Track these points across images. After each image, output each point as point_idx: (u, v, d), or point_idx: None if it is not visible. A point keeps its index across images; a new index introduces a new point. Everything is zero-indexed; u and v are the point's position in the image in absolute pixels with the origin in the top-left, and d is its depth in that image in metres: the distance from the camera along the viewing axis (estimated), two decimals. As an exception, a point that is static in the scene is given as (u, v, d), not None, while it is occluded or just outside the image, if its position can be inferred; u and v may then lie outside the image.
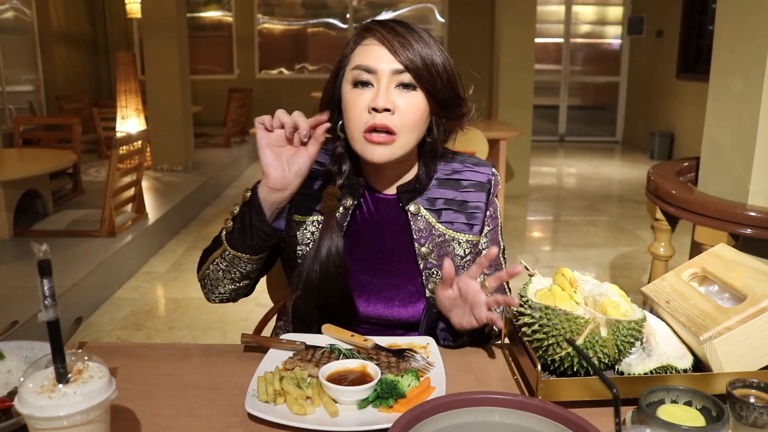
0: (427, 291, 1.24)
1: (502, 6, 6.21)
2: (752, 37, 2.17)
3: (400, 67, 1.11)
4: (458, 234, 1.25)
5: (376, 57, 1.12)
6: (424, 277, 1.23)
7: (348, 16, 10.03)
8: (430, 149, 1.23)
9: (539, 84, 8.24)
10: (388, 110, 1.10)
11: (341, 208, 1.22)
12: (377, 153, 1.13)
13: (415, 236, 1.23)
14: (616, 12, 9.99)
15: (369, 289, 1.25)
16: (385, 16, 9.79)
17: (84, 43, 9.16)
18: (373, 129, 1.11)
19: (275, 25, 10.29)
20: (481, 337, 1.18)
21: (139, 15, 7.19)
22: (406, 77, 1.11)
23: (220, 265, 1.16)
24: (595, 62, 10.16)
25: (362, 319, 1.25)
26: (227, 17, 10.22)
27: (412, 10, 9.86)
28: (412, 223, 1.23)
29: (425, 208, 1.24)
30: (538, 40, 7.37)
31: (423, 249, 1.23)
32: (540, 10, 7.55)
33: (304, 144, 1.06)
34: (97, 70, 9.60)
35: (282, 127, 1.05)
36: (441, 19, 9.83)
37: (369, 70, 1.12)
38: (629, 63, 9.79)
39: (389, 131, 1.11)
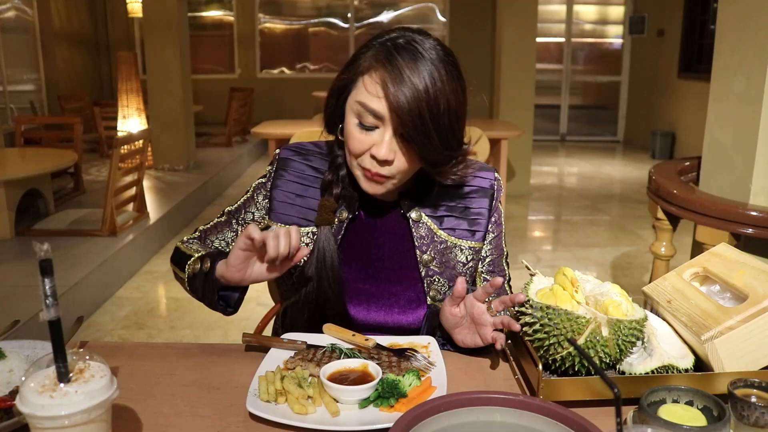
0: (428, 298, 1.23)
1: (504, 5, 6.21)
2: (754, 36, 2.17)
3: (401, 120, 1.05)
4: (460, 241, 1.24)
5: (383, 104, 1.05)
6: (425, 284, 1.23)
7: (349, 15, 10.03)
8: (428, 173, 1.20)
9: (540, 83, 8.24)
10: (388, 161, 1.08)
11: (336, 221, 1.21)
12: (372, 187, 1.13)
13: (416, 243, 1.22)
14: (617, 11, 9.98)
15: (368, 297, 1.24)
16: (386, 15, 9.77)
17: (85, 42, 9.17)
18: (369, 171, 1.10)
19: (276, 25, 10.29)
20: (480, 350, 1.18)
21: (140, 14, 7.20)
22: (406, 132, 1.06)
23: (192, 290, 1.21)
24: (596, 62, 10.15)
25: (359, 327, 1.24)
26: (228, 16, 10.23)
27: (413, 9, 9.86)
28: (413, 230, 1.22)
29: (427, 215, 1.23)
30: (539, 39, 7.37)
31: (425, 256, 1.22)
32: (541, 10, 7.54)
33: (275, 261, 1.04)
34: (98, 70, 9.61)
35: (263, 244, 1.01)
36: (442, 19, 9.83)
37: (375, 115, 1.06)
38: (630, 62, 9.79)
39: (384, 176, 1.11)
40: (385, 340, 1.12)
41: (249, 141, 8.17)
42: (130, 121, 6.34)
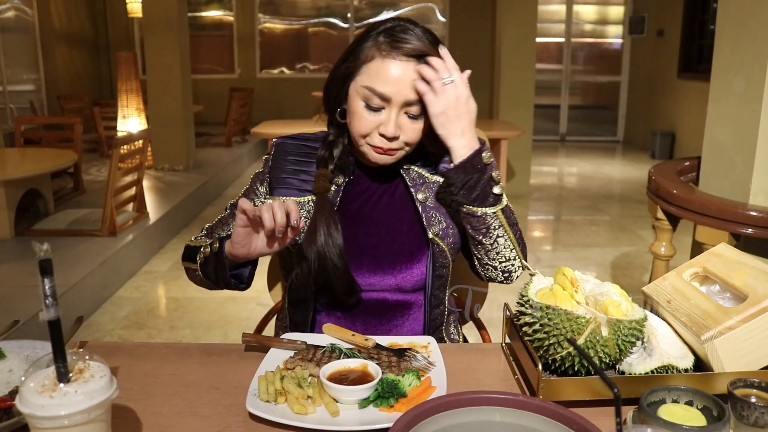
0: (429, 233, 1.25)
1: (503, 5, 6.21)
2: (754, 36, 2.17)
3: (412, 98, 1.17)
4: None
5: (392, 85, 1.16)
6: (425, 220, 1.26)
7: (349, 15, 10.03)
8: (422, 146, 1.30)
9: (540, 83, 8.23)
10: (395, 137, 1.19)
11: (333, 186, 1.27)
12: (380, 159, 1.22)
13: (410, 184, 1.28)
14: (617, 11, 9.98)
15: (366, 257, 1.26)
16: (386, 15, 9.80)
17: (85, 42, 9.17)
18: (379, 147, 1.20)
19: (276, 25, 10.29)
20: (486, 196, 1.18)
21: (140, 14, 7.19)
22: (414, 109, 1.18)
23: (198, 274, 1.24)
24: (596, 62, 10.15)
25: (361, 289, 1.26)
26: (228, 16, 10.22)
27: (413, 9, 9.86)
28: (404, 174, 1.29)
29: (416, 166, 1.31)
30: (539, 39, 7.37)
31: (419, 195, 1.27)
32: (541, 10, 7.54)
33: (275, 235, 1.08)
34: (98, 70, 9.61)
35: (260, 218, 1.05)
36: (442, 19, 9.83)
37: (383, 98, 1.17)
38: (630, 62, 9.79)
39: (391, 149, 1.21)
40: (385, 340, 1.12)
41: (249, 141, 8.17)
42: (130, 121, 6.34)
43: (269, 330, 1.48)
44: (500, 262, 1.24)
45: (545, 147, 9.38)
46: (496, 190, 1.19)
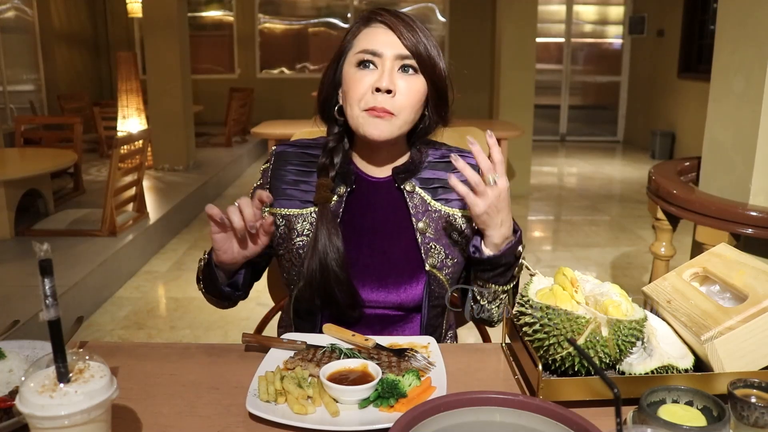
0: (426, 265, 1.24)
1: (503, 5, 6.21)
2: (754, 36, 2.17)
3: (404, 52, 1.17)
4: (454, 210, 1.28)
5: (383, 41, 1.17)
6: (422, 251, 1.24)
7: (349, 15, 10.03)
8: (422, 134, 1.29)
9: (540, 83, 8.23)
10: (389, 92, 1.16)
11: (335, 197, 1.25)
12: (377, 128, 1.17)
13: (411, 212, 1.25)
14: (617, 11, 9.98)
15: (368, 272, 1.25)
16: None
17: (85, 42, 9.17)
18: (374, 109, 1.17)
19: (276, 25, 10.29)
20: (510, 258, 1.17)
21: (140, 14, 7.20)
22: (409, 61, 1.17)
23: (206, 290, 1.26)
24: (596, 62, 10.15)
25: (364, 304, 1.25)
26: (228, 17, 10.23)
27: (413, 9, 9.86)
28: (408, 200, 1.26)
29: (420, 187, 1.27)
30: (539, 39, 7.37)
31: (420, 224, 1.25)
32: (541, 10, 7.54)
33: (252, 233, 1.09)
34: (98, 70, 9.61)
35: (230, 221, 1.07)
36: (442, 19, 9.83)
37: (374, 53, 1.17)
38: (630, 63, 9.79)
39: (388, 112, 1.17)
40: (385, 340, 1.12)
41: (249, 141, 8.17)
42: (130, 121, 6.34)
43: (269, 330, 1.48)
44: (489, 318, 1.26)
45: (545, 147, 9.38)
46: (515, 271, 1.20)
